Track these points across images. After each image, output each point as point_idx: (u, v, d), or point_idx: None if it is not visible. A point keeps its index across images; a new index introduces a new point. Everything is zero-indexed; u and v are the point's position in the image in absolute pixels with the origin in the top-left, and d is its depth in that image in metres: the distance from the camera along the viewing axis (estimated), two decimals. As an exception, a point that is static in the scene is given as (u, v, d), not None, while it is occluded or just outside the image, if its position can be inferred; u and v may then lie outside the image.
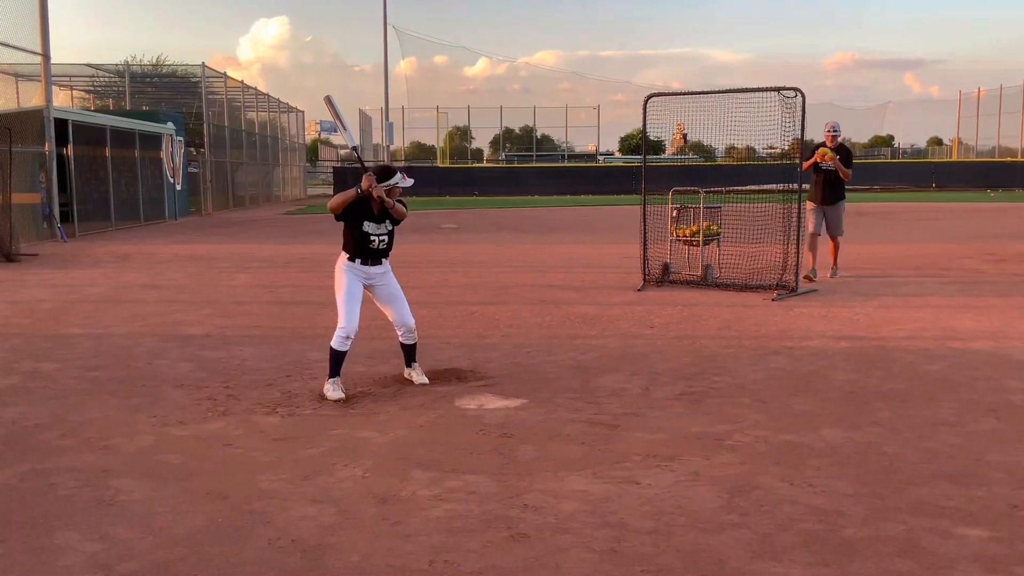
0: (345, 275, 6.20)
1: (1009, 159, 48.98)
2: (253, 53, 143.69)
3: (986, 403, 5.86)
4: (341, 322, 6.12)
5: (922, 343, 7.78)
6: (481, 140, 68.97)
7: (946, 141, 67.00)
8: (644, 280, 11.36)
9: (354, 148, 6.84)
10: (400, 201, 6.21)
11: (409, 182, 6.17)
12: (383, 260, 6.30)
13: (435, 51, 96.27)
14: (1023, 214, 25.53)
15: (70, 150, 21.11)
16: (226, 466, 4.78)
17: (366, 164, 6.36)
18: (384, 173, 6.12)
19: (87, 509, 4.18)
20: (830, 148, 11.70)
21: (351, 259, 6.20)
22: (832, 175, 11.69)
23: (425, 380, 6.51)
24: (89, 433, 5.36)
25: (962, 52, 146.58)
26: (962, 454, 4.86)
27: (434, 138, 59.54)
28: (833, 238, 11.87)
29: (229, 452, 5.02)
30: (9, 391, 6.39)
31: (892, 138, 75.15)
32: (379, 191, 5.98)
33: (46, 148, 19.47)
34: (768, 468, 4.65)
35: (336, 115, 6.55)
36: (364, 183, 5.97)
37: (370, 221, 6.12)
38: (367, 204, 6.08)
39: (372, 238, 6.15)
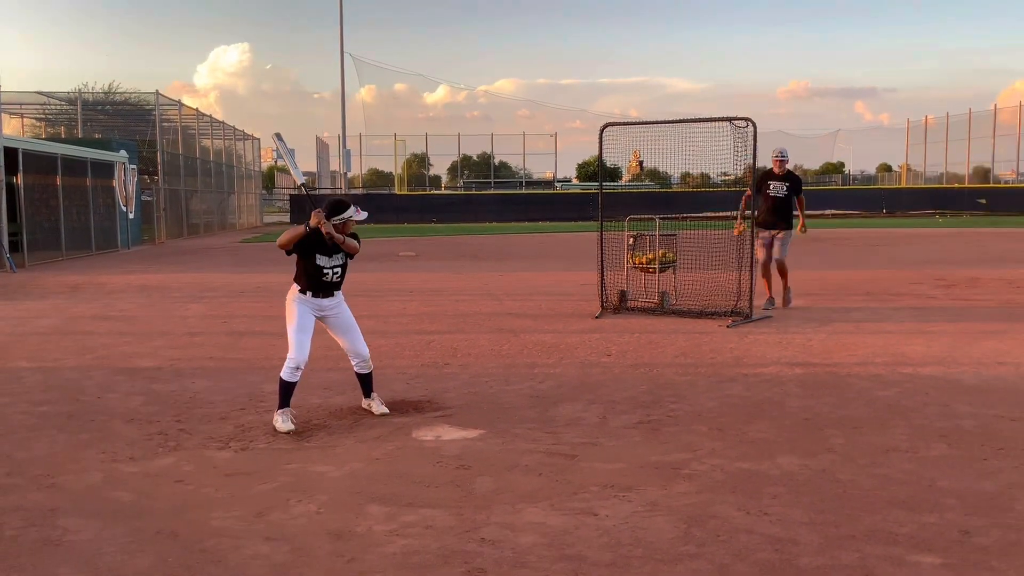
0: (296, 307, 6.16)
1: (956, 185, 50.13)
2: (211, 80, 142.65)
3: (937, 429, 5.95)
4: (291, 353, 6.08)
5: (874, 369, 7.89)
6: (439, 167, 68.88)
7: (895, 167, 68.37)
8: (602, 307, 11.41)
9: (302, 185, 6.89)
10: (353, 234, 6.19)
11: (363, 215, 6.16)
12: (336, 292, 6.26)
13: (394, 79, 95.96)
14: (971, 239, 26.08)
15: (20, 179, 20.76)
16: (177, 503, 4.69)
17: (318, 197, 6.37)
18: (337, 207, 6.10)
19: (33, 550, 4.07)
20: (777, 175, 11.79)
21: (303, 291, 6.16)
22: (781, 201, 11.66)
23: (385, 410, 6.46)
24: (36, 470, 5.24)
25: (912, 81, 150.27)
26: (914, 480, 4.93)
27: (392, 165, 59.39)
28: (778, 262, 11.69)
29: (180, 488, 4.93)
30: (-48, 428, 6.22)
31: (843, 165, 76.52)
32: (328, 228, 5.94)
33: (-5, 177, 19.13)
34: (725, 497, 4.67)
35: (284, 153, 6.56)
36: (313, 220, 5.93)
37: (322, 254, 6.08)
38: (319, 237, 6.04)
39: (325, 271, 6.11)
